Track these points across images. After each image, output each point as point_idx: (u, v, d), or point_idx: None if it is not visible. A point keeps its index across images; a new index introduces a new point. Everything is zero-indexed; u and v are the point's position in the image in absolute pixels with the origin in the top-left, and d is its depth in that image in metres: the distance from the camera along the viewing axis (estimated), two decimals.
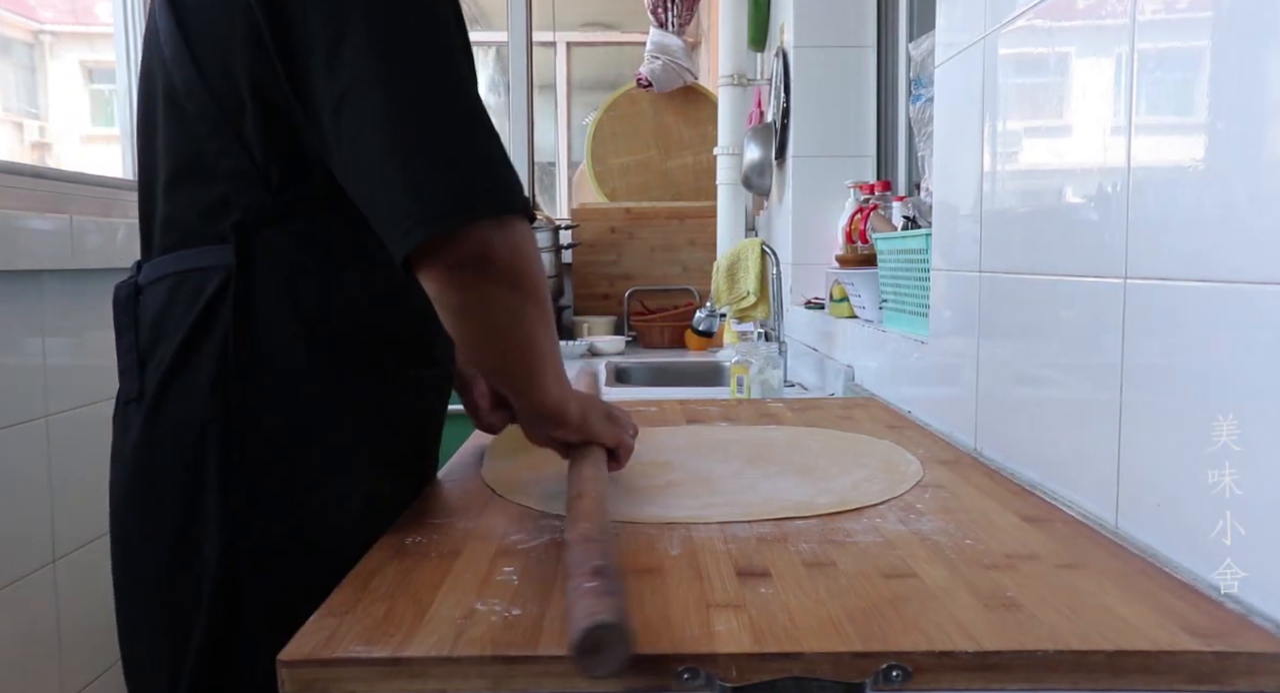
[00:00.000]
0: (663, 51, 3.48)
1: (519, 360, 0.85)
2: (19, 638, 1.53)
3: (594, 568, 0.63)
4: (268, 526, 0.83)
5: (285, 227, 0.84)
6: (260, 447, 0.83)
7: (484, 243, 0.77)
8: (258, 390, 0.83)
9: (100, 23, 2.44)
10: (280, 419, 0.84)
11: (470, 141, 0.77)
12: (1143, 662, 0.59)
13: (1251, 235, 0.67)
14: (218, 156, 0.83)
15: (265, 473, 0.83)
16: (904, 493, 0.95)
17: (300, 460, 0.84)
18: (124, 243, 1.81)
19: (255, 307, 0.83)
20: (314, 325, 0.85)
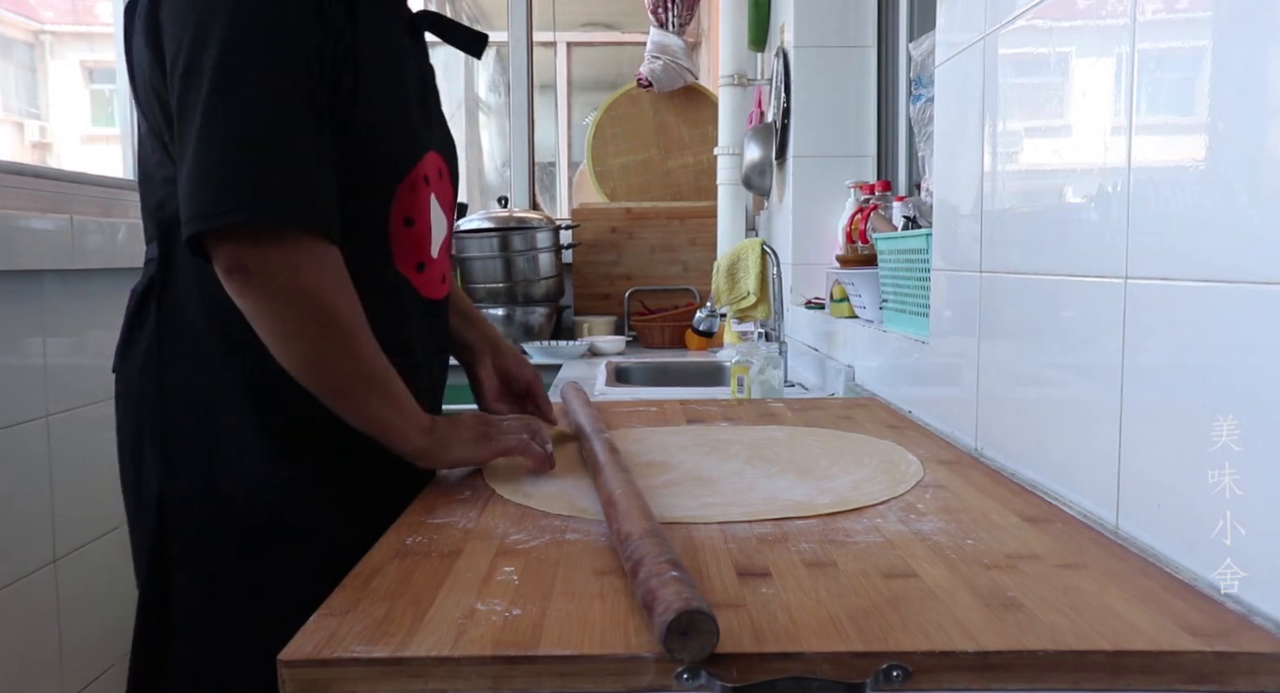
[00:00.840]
0: (663, 51, 3.48)
1: (324, 381, 0.90)
2: (19, 638, 1.53)
3: (671, 559, 0.65)
4: (189, 482, 0.93)
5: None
6: (172, 412, 0.95)
7: (238, 257, 0.84)
8: (172, 364, 0.95)
9: (100, 23, 2.44)
10: (187, 388, 0.94)
11: (248, 156, 0.84)
12: (1143, 662, 0.59)
13: (1251, 235, 0.67)
14: (158, 164, 0.96)
15: (175, 432, 0.94)
16: (904, 493, 0.95)
17: (201, 428, 0.94)
18: (124, 243, 1.81)
19: (174, 291, 0.95)
20: (216, 307, 0.92)
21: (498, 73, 3.88)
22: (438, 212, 1.05)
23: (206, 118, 0.83)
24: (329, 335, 0.88)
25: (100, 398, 1.75)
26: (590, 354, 2.97)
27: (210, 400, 0.94)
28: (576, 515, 0.88)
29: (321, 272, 0.87)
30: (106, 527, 1.77)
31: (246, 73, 0.84)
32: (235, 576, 0.93)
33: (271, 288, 0.85)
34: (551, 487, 0.97)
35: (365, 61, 0.93)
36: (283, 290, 0.85)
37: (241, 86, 0.84)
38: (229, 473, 0.93)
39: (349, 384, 0.90)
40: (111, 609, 1.76)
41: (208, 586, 0.94)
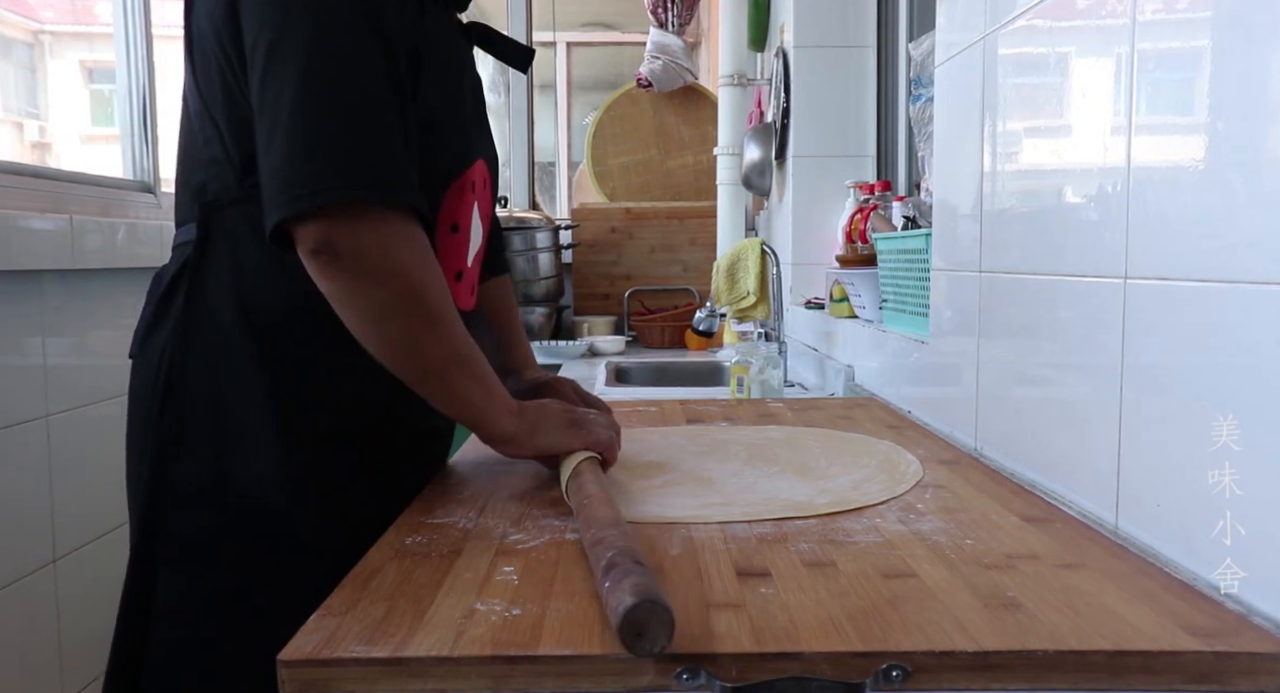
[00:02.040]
0: (663, 51, 3.48)
1: (414, 365, 0.88)
2: (19, 638, 1.53)
3: (606, 564, 0.64)
4: (192, 475, 0.91)
5: (244, 207, 0.92)
6: (189, 402, 0.92)
7: (326, 236, 0.82)
8: (195, 352, 0.92)
9: (100, 23, 2.44)
10: (207, 379, 0.92)
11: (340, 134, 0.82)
12: (1143, 662, 0.59)
13: (1251, 235, 0.67)
14: (204, 145, 0.93)
15: (190, 423, 0.92)
16: (904, 493, 0.95)
17: (219, 421, 0.92)
18: (124, 243, 1.81)
19: (207, 277, 0.93)
20: (248, 297, 0.91)
21: (498, 73, 3.88)
22: (478, 221, 1.05)
23: (296, 97, 0.81)
24: (420, 316, 0.85)
25: (100, 398, 1.75)
26: (590, 354, 2.97)
27: (229, 395, 0.92)
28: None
29: (412, 251, 0.85)
30: (106, 527, 1.77)
31: (337, 53, 0.83)
32: (234, 577, 0.91)
33: (362, 266, 0.83)
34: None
35: (428, 60, 0.92)
36: (374, 269, 0.83)
37: (332, 67, 0.82)
38: (240, 472, 0.91)
39: (439, 367, 0.88)
40: (111, 609, 1.75)
41: (203, 585, 0.91)
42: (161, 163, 2.17)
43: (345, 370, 0.93)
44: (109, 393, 1.77)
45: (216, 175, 0.92)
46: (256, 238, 0.90)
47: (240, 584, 0.92)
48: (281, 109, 0.82)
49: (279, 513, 0.91)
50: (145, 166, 2.13)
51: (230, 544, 0.92)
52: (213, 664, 0.91)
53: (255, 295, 0.91)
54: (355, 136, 0.83)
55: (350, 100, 0.83)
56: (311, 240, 0.82)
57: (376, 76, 0.85)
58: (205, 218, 0.92)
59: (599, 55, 5.17)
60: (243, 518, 0.91)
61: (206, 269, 0.92)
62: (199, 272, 0.93)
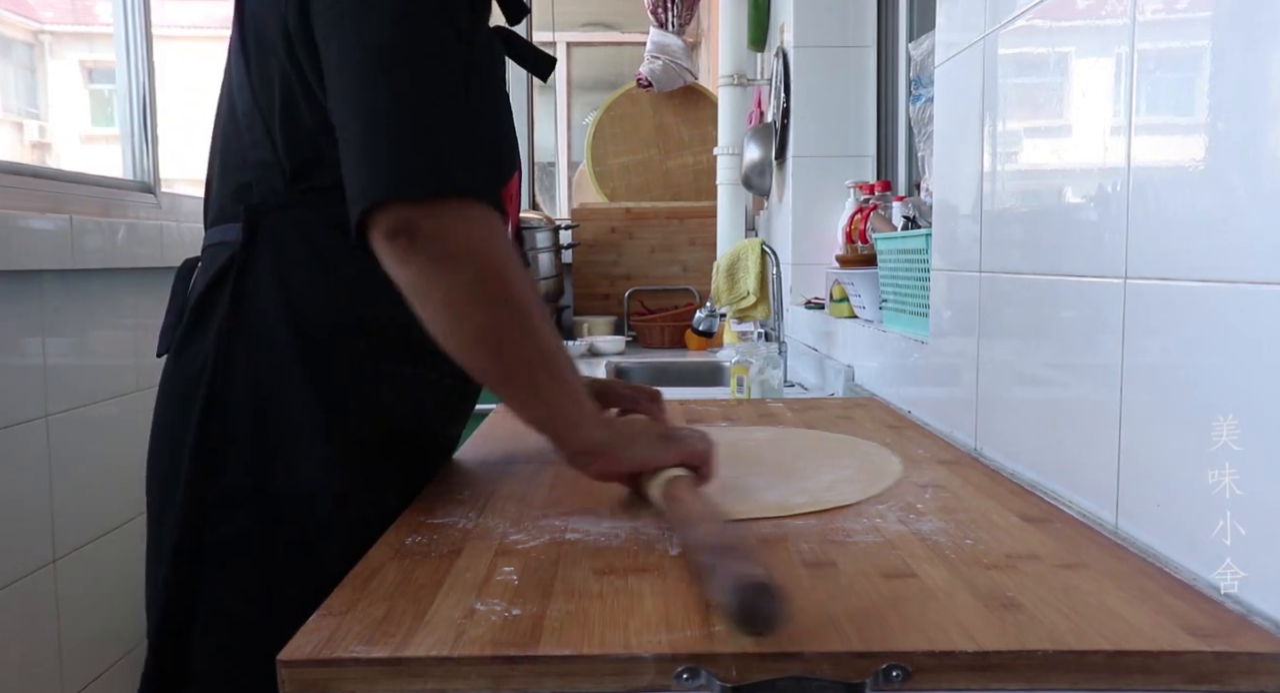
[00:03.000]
0: (663, 51, 3.48)
1: (496, 361, 0.82)
2: (19, 638, 1.53)
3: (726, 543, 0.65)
4: (236, 478, 0.90)
5: (291, 213, 0.91)
6: (235, 404, 0.90)
7: (409, 217, 0.78)
8: (241, 354, 0.91)
9: (100, 23, 2.44)
10: (253, 382, 0.91)
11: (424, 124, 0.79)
12: (1143, 662, 0.59)
13: (1251, 235, 0.67)
14: (251, 147, 0.92)
15: (235, 425, 0.90)
16: (879, 494, 0.95)
17: (264, 424, 0.90)
18: (124, 243, 1.81)
19: (253, 280, 0.91)
20: (296, 303, 0.90)
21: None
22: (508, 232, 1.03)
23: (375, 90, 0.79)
24: (503, 306, 0.80)
25: (100, 398, 1.75)
26: (590, 354, 2.97)
27: (275, 399, 0.90)
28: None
29: (495, 239, 0.80)
30: (106, 527, 1.77)
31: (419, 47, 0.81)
32: (273, 580, 0.90)
33: (443, 249, 0.78)
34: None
35: (478, 66, 0.92)
36: (456, 252, 0.78)
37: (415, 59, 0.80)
38: (283, 476, 0.90)
39: (524, 365, 0.81)
40: (111, 609, 1.76)
41: (240, 587, 0.90)
42: (161, 163, 2.17)
43: (390, 379, 0.93)
44: (109, 393, 1.77)
45: (264, 178, 0.91)
46: (304, 243, 0.91)
47: (284, 587, 0.90)
48: (356, 101, 0.80)
49: (323, 518, 0.90)
50: (145, 166, 2.13)
51: (275, 547, 0.90)
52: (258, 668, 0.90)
53: (303, 301, 0.90)
54: (438, 128, 0.80)
55: (433, 92, 0.81)
56: (389, 223, 0.78)
57: (456, 72, 0.84)
58: (251, 220, 0.91)
59: (599, 55, 5.17)
60: (288, 522, 0.90)
61: (252, 272, 0.91)
62: (244, 275, 0.91)
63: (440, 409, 1.01)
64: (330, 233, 0.90)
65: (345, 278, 0.91)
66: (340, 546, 0.89)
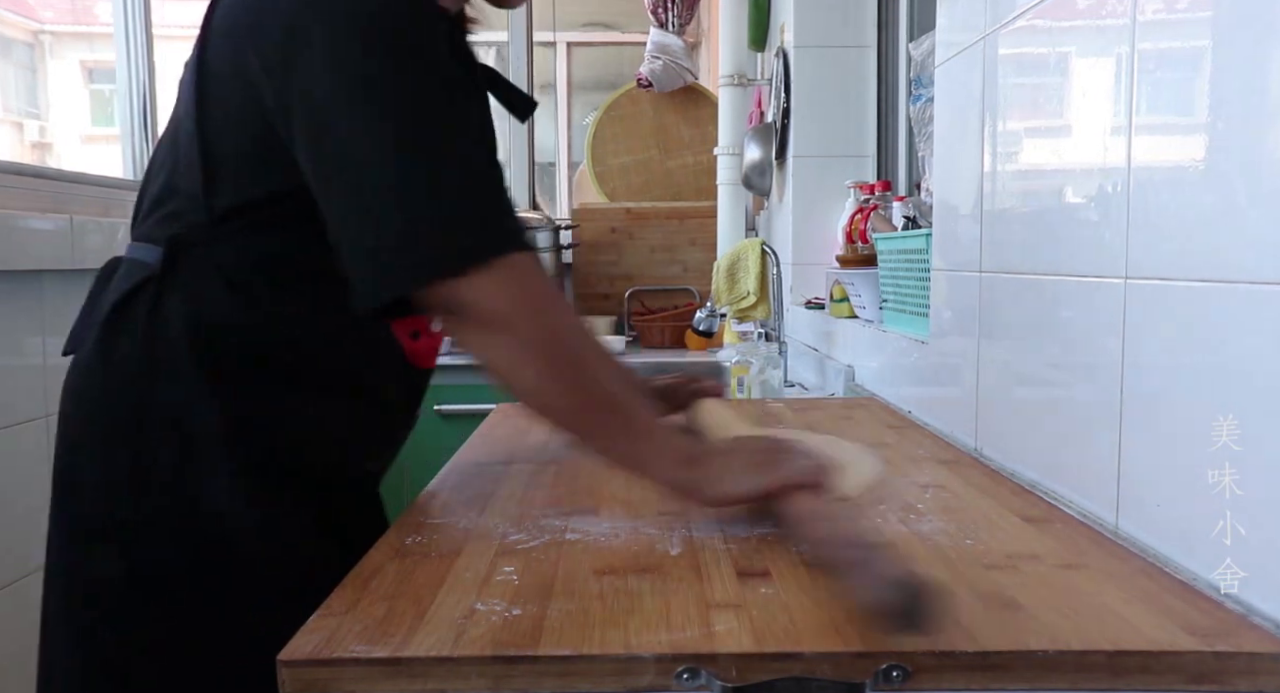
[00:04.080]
0: (663, 51, 3.48)
1: (556, 414, 0.83)
2: (19, 638, 1.53)
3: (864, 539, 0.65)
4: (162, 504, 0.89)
5: (211, 249, 0.90)
6: (154, 433, 0.90)
7: (449, 293, 0.79)
8: (158, 378, 0.90)
9: (100, 23, 2.44)
10: (170, 409, 0.90)
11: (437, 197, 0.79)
12: (1143, 662, 0.59)
13: (1251, 235, 0.67)
14: (185, 173, 0.91)
15: (157, 454, 0.89)
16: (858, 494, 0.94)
17: (184, 454, 0.90)
18: (124, 243, 1.80)
19: (163, 305, 0.91)
20: (208, 336, 0.90)
21: (497, 67, 3.89)
22: None
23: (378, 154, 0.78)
24: (553, 364, 0.81)
25: None
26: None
27: (189, 423, 0.90)
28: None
29: (532, 294, 0.81)
30: None
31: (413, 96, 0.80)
32: (202, 606, 0.89)
33: (486, 320, 0.80)
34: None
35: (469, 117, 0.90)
36: (498, 320, 0.80)
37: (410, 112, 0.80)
38: (204, 503, 0.89)
39: (584, 414, 0.82)
40: None
41: (165, 615, 0.89)
42: None
43: (296, 411, 0.93)
44: None
45: (190, 210, 0.90)
46: (220, 278, 0.90)
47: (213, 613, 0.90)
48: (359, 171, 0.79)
49: (244, 542, 0.89)
50: (145, 166, 2.13)
51: (200, 572, 0.90)
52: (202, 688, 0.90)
53: (216, 332, 0.89)
54: (454, 198, 0.80)
55: (438, 148, 0.80)
56: (436, 301, 0.80)
57: (466, 122, 0.84)
58: (171, 249, 0.91)
59: (599, 55, 5.16)
60: (210, 547, 0.89)
61: (167, 301, 0.90)
62: (159, 302, 0.90)
63: (355, 442, 1.00)
64: (246, 269, 0.90)
65: (256, 311, 0.90)
66: (263, 570, 0.90)
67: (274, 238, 0.90)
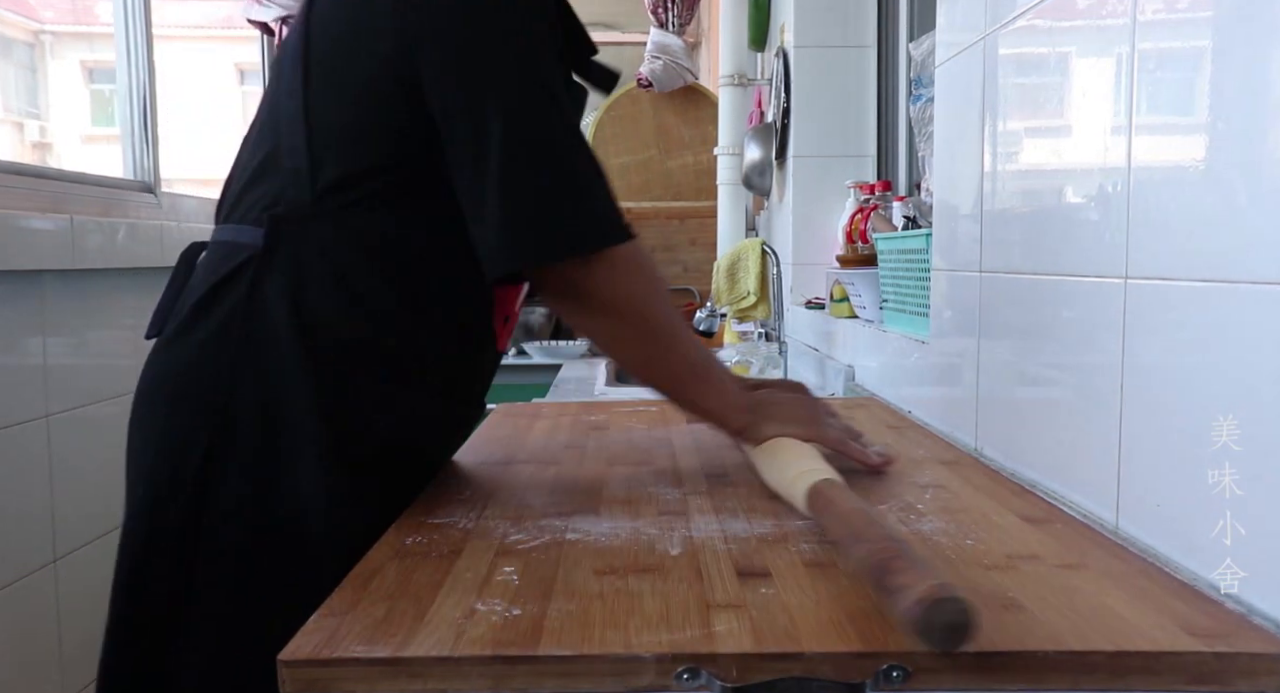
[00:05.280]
0: (663, 51, 3.48)
1: (655, 381, 0.98)
2: (19, 638, 1.53)
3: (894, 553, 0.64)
4: (238, 486, 0.90)
5: (313, 226, 0.91)
6: (242, 413, 0.90)
7: (569, 277, 0.90)
8: (248, 362, 0.90)
9: (100, 23, 2.44)
10: (259, 391, 0.91)
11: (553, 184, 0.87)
12: (1143, 662, 0.59)
13: (1251, 235, 0.67)
14: (288, 153, 0.92)
15: (241, 435, 0.90)
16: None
17: (269, 436, 0.90)
18: (124, 243, 1.81)
19: (266, 288, 0.91)
20: (308, 318, 0.90)
21: None
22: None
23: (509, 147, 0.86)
24: (650, 341, 0.95)
25: (100, 398, 1.75)
26: (590, 354, 2.97)
27: (278, 410, 0.90)
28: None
29: (636, 283, 0.93)
30: (106, 527, 1.77)
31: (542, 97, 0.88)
32: (265, 588, 0.90)
33: (597, 304, 0.92)
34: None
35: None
36: (606, 306, 0.92)
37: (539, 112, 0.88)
38: (286, 480, 0.90)
39: (674, 380, 0.98)
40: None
41: (234, 593, 0.90)
42: (162, 163, 2.17)
43: (394, 402, 0.94)
44: (109, 393, 1.77)
45: (292, 186, 0.91)
46: (322, 259, 0.91)
47: (276, 596, 0.89)
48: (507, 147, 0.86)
49: (315, 531, 0.90)
50: (145, 166, 2.13)
51: (269, 557, 0.90)
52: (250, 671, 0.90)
53: (315, 316, 0.90)
54: (571, 185, 0.88)
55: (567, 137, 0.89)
56: (555, 284, 0.91)
57: (573, 128, 0.91)
58: (274, 228, 0.91)
59: (599, 55, 5.17)
60: (283, 533, 0.90)
61: (268, 281, 0.91)
62: (259, 281, 0.91)
63: (439, 435, 1.03)
64: (348, 250, 0.91)
65: (360, 297, 0.91)
66: (328, 559, 0.89)
67: (378, 215, 0.91)
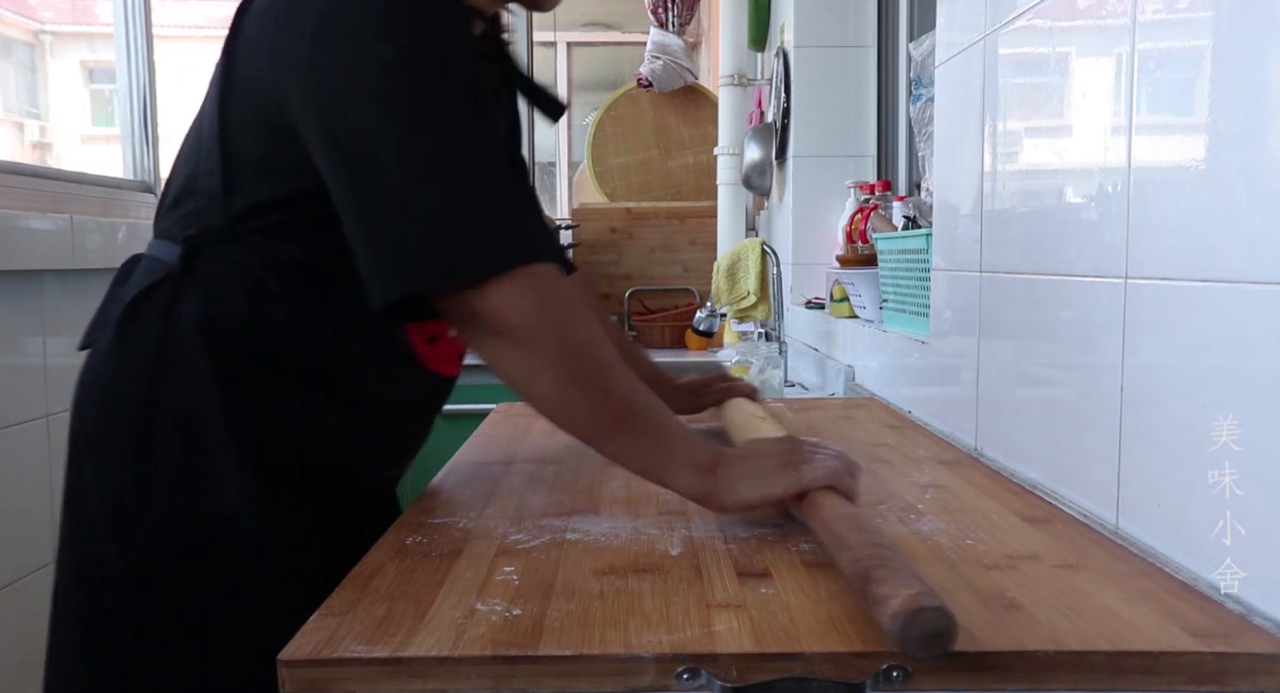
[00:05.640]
0: (663, 51, 3.48)
1: (572, 427, 0.84)
2: (19, 638, 1.53)
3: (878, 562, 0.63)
4: (165, 503, 0.89)
5: (227, 249, 0.91)
6: (163, 432, 0.90)
7: (463, 302, 0.80)
8: (170, 376, 0.90)
9: (100, 23, 2.44)
10: (179, 406, 0.90)
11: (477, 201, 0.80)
12: (1143, 662, 0.59)
13: (1251, 235, 0.67)
14: (206, 175, 0.91)
15: (165, 453, 0.90)
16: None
17: (189, 453, 0.90)
18: (124, 243, 1.81)
19: (179, 303, 0.91)
20: (220, 337, 0.90)
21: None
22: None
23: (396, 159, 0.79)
24: (575, 378, 0.81)
25: None
26: None
27: (198, 421, 0.90)
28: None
29: (547, 305, 0.80)
30: None
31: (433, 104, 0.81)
32: (203, 605, 0.89)
33: (498, 330, 0.80)
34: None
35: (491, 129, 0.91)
36: (510, 330, 0.80)
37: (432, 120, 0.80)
38: (208, 502, 0.89)
39: (595, 426, 0.83)
40: None
41: (172, 612, 0.89)
42: (161, 163, 2.17)
43: (309, 415, 0.93)
44: None
45: (209, 209, 0.91)
46: (235, 280, 0.90)
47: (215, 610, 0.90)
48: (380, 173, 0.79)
49: (245, 545, 0.89)
50: (145, 166, 2.13)
51: (202, 573, 0.90)
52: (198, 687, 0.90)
53: (228, 334, 0.90)
54: (482, 200, 0.80)
55: (455, 156, 0.80)
56: (452, 310, 0.81)
57: (486, 132, 0.84)
58: (189, 248, 0.91)
59: (599, 55, 5.17)
60: (213, 547, 0.89)
61: (182, 300, 0.91)
62: (175, 301, 0.91)
63: (367, 448, 1.00)
64: (259, 270, 0.90)
65: (269, 315, 0.91)
66: (266, 571, 0.90)
67: (290, 242, 0.90)
